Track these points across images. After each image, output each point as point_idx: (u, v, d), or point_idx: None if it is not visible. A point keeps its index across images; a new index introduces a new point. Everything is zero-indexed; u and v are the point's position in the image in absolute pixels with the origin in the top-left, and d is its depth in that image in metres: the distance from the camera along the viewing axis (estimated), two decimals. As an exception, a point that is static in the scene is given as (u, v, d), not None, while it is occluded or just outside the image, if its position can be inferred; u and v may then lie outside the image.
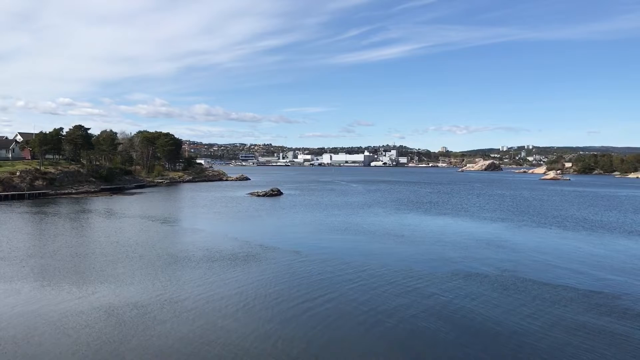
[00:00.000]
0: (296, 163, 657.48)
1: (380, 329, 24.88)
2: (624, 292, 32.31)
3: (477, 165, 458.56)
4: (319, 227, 61.25)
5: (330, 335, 23.86)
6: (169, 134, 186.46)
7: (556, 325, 25.58)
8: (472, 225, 65.75)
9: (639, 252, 47.15)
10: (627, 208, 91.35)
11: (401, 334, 24.18)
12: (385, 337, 23.72)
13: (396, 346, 22.73)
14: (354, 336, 23.89)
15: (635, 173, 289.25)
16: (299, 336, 23.68)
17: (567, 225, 65.89)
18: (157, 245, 47.77)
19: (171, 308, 27.69)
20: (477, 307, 28.73)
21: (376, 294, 31.30)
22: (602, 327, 25.25)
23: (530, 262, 41.37)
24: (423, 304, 29.09)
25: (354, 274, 36.34)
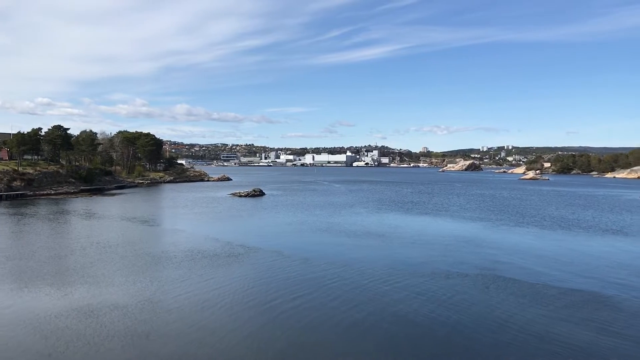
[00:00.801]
0: (278, 163, 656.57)
1: (361, 328, 25.05)
2: (600, 288, 32.89)
3: (458, 165, 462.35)
4: (300, 227, 61.31)
5: (310, 336, 23.97)
6: (150, 134, 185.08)
7: (535, 321, 25.97)
8: (452, 224, 66.33)
9: (614, 249, 47.94)
10: (603, 207, 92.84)
11: (381, 333, 24.35)
12: (366, 337, 23.88)
13: (376, 345, 22.89)
14: (334, 336, 24.01)
15: (612, 173, 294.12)
16: (280, 336, 23.74)
17: (545, 224, 66.79)
18: (137, 246, 47.45)
19: (152, 309, 27.56)
20: (457, 305, 29.04)
21: (357, 293, 31.47)
22: (580, 323, 25.71)
23: (509, 261, 41.87)
24: (403, 303, 29.32)
25: (335, 274, 36.48)
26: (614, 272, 37.93)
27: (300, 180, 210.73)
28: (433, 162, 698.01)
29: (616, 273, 37.73)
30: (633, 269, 39.32)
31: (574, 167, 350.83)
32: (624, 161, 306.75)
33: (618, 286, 33.70)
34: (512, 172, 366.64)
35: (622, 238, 55.12)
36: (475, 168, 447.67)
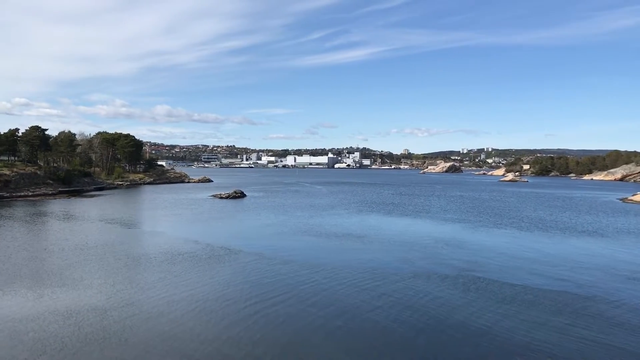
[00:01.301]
0: (260, 165, 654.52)
1: (337, 330, 25.22)
2: (577, 289, 33.48)
3: (438, 167, 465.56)
4: (281, 229, 61.32)
5: (291, 337, 24.06)
6: (130, 135, 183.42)
7: (512, 322, 26.39)
8: (432, 226, 66.89)
9: (589, 251, 48.78)
10: (580, 209, 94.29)
11: (362, 335, 24.55)
12: (347, 338, 24.06)
13: (357, 347, 23.07)
14: (315, 337, 24.15)
15: (589, 175, 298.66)
16: (261, 337, 23.81)
17: (524, 226, 67.70)
18: (116, 248, 47.09)
19: (131, 311, 27.42)
20: (437, 306, 29.37)
21: (335, 295, 31.64)
22: (558, 324, 26.17)
23: (487, 262, 42.41)
24: (382, 305, 29.55)
25: (314, 276, 36.62)
26: (589, 273, 38.65)
27: (281, 181, 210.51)
28: (414, 164, 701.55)
29: (591, 274, 38.45)
30: (608, 270, 40.08)
31: (553, 169, 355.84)
32: (601, 163, 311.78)
33: (592, 287, 34.36)
34: (492, 174, 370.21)
35: (597, 239, 56.10)
36: (455, 170, 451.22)
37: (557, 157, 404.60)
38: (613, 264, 42.43)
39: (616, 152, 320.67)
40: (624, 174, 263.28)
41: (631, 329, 25.64)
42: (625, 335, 24.58)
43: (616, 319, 27.18)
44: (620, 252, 48.46)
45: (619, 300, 30.96)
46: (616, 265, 41.88)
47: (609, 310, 28.81)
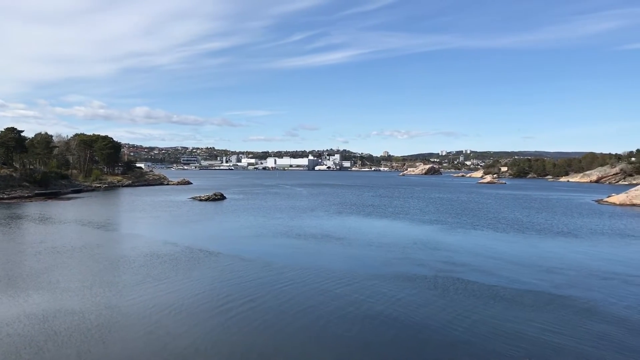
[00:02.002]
0: (240, 167, 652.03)
1: (321, 332, 25.36)
2: (552, 289, 34.06)
3: (418, 169, 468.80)
4: (261, 231, 61.26)
5: (269, 339, 24.12)
6: (108, 137, 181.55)
7: (491, 321, 26.77)
8: (411, 227, 67.40)
9: (564, 251, 49.59)
10: (556, 210, 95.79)
11: (340, 337, 24.70)
12: (325, 340, 24.21)
13: (335, 348, 23.21)
14: (293, 339, 24.25)
15: (566, 177, 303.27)
16: (239, 339, 23.86)
17: (501, 227, 68.62)
18: (94, 250, 46.66)
19: (109, 314, 27.24)
20: (414, 307, 29.68)
21: (313, 296, 31.78)
22: (534, 322, 26.63)
23: (465, 263, 42.91)
24: (359, 306, 29.77)
25: (292, 277, 36.73)
26: (563, 273, 39.33)
27: (262, 184, 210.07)
28: (394, 166, 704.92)
29: (566, 274, 39.13)
30: (582, 270, 40.81)
31: (530, 171, 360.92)
32: (577, 165, 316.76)
33: (568, 287, 34.99)
34: (471, 176, 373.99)
35: (572, 240, 57.06)
36: (434, 172, 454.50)
37: (534, 160, 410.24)
38: (587, 264, 43.22)
39: (592, 154, 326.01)
40: (599, 175, 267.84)
41: (604, 326, 26.18)
42: (597, 333, 25.10)
43: (590, 318, 27.74)
44: (594, 252, 49.38)
45: (592, 300, 31.57)
46: (590, 265, 42.67)
47: (583, 309, 29.37)
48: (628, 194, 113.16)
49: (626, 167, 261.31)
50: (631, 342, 24.07)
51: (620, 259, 46.18)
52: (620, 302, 31.26)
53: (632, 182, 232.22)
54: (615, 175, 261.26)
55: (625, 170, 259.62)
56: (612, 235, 60.73)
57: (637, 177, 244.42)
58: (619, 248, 52.12)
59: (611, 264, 43.56)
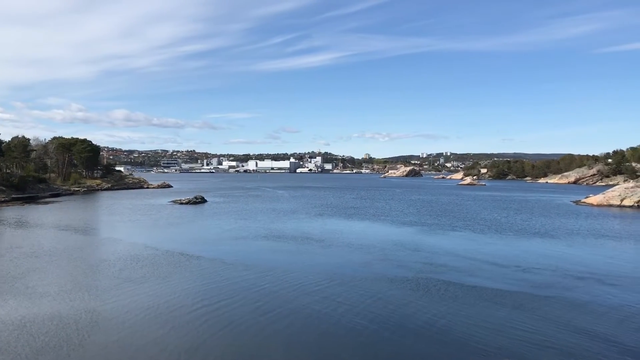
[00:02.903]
0: (221, 170, 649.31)
1: (300, 334, 25.46)
2: (531, 289, 34.57)
3: (399, 171, 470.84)
4: (242, 234, 61.14)
5: (249, 342, 24.14)
6: (87, 140, 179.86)
7: (469, 321, 27.11)
8: (391, 229, 67.80)
9: (544, 252, 50.31)
10: (534, 211, 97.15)
11: (319, 339, 24.83)
12: (305, 342, 24.32)
13: (314, 351, 23.33)
14: (273, 342, 24.30)
15: (544, 178, 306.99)
16: (219, 343, 23.86)
17: (480, 228, 69.36)
18: (73, 255, 46.20)
19: (88, 318, 27.00)
20: (393, 308, 29.90)
21: (291, 298, 31.85)
22: (512, 322, 27.03)
23: (444, 264, 43.33)
24: (340, 308, 29.90)
25: (273, 280, 36.77)
26: (540, 274, 39.96)
27: (243, 186, 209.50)
28: (375, 168, 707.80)
29: (543, 273, 39.75)
30: (558, 269, 41.48)
31: (509, 173, 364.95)
32: (556, 167, 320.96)
33: (544, 286, 35.57)
34: (451, 178, 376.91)
35: (550, 241, 57.91)
36: (415, 174, 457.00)
37: (513, 161, 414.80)
38: (564, 264, 43.88)
39: (570, 156, 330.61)
40: (577, 177, 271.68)
41: (582, 324, 26.67)
42: (575, 331, 25.56)
43: (567, 316, 28.21)
44: (571, 252, 50.22)
45: (569, 299, 32.10)
46: (567, 265, 43.33)
47: (561, 308, 29.87)
48: (605, 194, 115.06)
49: (603, 169, 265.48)
50: (608, 338, 24.54)
51: (596, 258, 47.01)
52: (596, 300, 31.84)
53: (609, 183, 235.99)
54: (593, 177, 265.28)
55: (602, 172, 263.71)
56: (589, 236, 61.73)
57: (614, 178, 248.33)
58: (595, 248, 53.01)
59: (587, 263, 44.31)
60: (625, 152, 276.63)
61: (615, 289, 34.80)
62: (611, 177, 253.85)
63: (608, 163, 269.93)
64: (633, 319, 27.90)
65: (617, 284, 36.26)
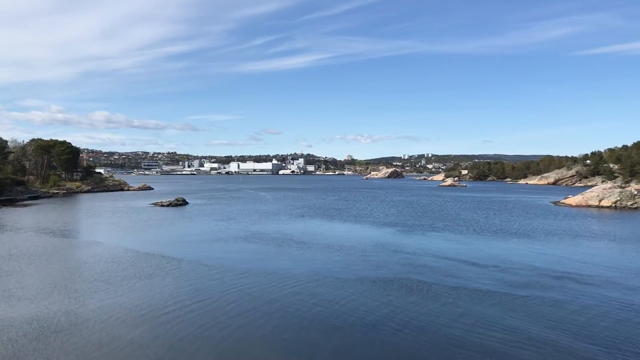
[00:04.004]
0: (202, 172, 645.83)
1: (282, 336, 25.56)
2: (511, 289, 35.05)
3: (381, 173, 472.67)
4: (224, 236, 60.99)
5: (228, 345, 24.20)
6: (66, 142, 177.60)
7: (449, 321, 27.47)
8: (372, 230, 68.11)
9: (522, 252, 51.03)
10: (513, 212, 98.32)
11: (300, 341, 24.97)
12: (286, 344, 24.42)
13: (292, 352, 23.46)
14: (254, 344, 24.41)
15: (524, 179, 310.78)
16: (199, 346, 23.86)
17: (461, 229, 70.07)
18: (52, 258, 45.75)
19: (68, 320, 26.84)
20: (371, 309, 30.13)
21: (275, 300, 31.96)
22: (493, 323, 27.41)
23: (424, 265, 43.75)
24: (320, 309, 30.10)
25: (254, 282, 36.84)
26: (519, 274, 40.55)
27: (225, 188, 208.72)
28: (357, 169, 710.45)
29: (522, 273, 40.34)
30: (537, 269, 42.13)
31: (490, 174, 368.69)
32: (535, 168, 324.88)
33: (523, 286, 36.12)
34: (432, 179, 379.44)
35: (528, 241, 58.76)
36: (397, 175, 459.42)
37: (493, 163, 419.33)
38: (542, 264, 44.55)
39: (549, 157, 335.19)
40: (557, 178, 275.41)
41: (559, 323, 27.16)
42: (553, 329, 26.04)
43: (545, 316, 28.72)
44: (549, 252, 50.96)
45: (547, 298, 32.66)
46: (545, 265, 43.99)
47: (539, 308, 30.37)
48: (584, 195, 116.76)
49: (582, 170, 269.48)
50: (583, 335, 25.05)
51: (573, 258, 47.74)
52: (572, 299, 32.44)
53: (587, 183, 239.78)
54: (572, 177, 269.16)
55: (581, 173, 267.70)
56: (567, 236, 62.66)
57: (592, 179, 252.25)
58: (572, 248, 53.83)
59: (564, 263, 45.03)
60: (603, 153, 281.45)
61: (590, 288, 35.44)
62: (590, 178, 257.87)
63: (586, 164, 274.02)
64: (606, 317, 28.53)
65: (592, 284, 36.95)
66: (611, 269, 42.54)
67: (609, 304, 31.38)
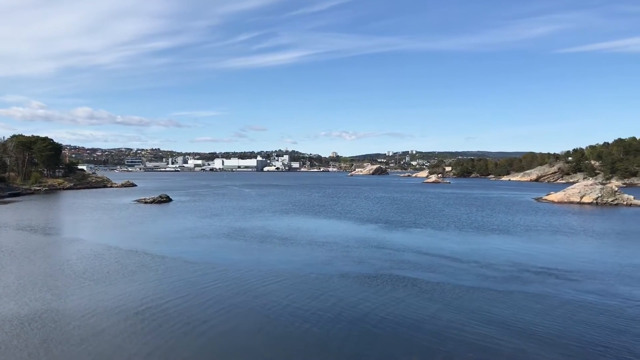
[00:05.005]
0: (186, 168, 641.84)
1: (265, 333, 25.70)
2: (493, 284, 35.52)
3: (366, 169, 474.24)
4: (207, 233, 60.87)
5: (210, 342, 24.29)
6: (48, 139, 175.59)
7: (430, 318, 27.79)
8: (356, 226, 68.41)
9: (504, 248, 51.70)
10: (495, 208, 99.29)
11: (282, 337, 25.14)
12: (269, 340, 24.58)
13: (278, 349, 23.60)
14: (236, 340, 24.54)
15: (507, 176, 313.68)
16: (179, 343, 23.94)
17: (444, 225, 70.71)
18: (34, 255, 45.37)
19: (50, 317, 26.76)
20: (352, 304, 30.42)
21: (257, 298, 32.09)
22: (475, 319, 27.79)
23: (407, 261, 44.19)
24: (302, 305, 30.31)
25: (237, 279, 36.93)
26: (500, 269, 41.13)
27: (209, 185, 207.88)
28: (342, 166, 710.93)
29: (503, 269, 40.91)
30: (518, 265, 42.74)
31: (473, 171, 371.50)
32: (518, 165, 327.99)
33: (504, 281, 36.68)
34: (416, 176, 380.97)
35: (510, 237, 59.52)
36: (382, 172, 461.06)
37: (477, 159, 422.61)
38: (523, 259, 45.20)
39: (531, 154, 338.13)
40: (539, 174, 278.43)
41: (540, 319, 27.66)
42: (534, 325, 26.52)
43: (527, 311, 29.21)
44: (530, 248, 51.72)
45: (529, 293, 33.19)
46: (526, 260, 44.65)
47: (516, 303, 30.88)
48: (565, 191, 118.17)
49: (563, 166, 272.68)
50: (562, 330, 25.53)
51: (553, 254, 48.42)
52: (551, 294, 33.01)
53: (569, 180, 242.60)
54: (554, 174, 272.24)
55: (562, 169, 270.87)
56: (548, 232, 63.51)
57: (574, 175, 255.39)
58: (553, 244, 54.60)
59: (544, 259, 45.68)
60: (585, 150, 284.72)
61: (569, 283, 36.07)
62: (571, 174, 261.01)
63: (568, 161, 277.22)
64: (582, 311, 29.10)
65: (571, 279, 37.57)
66: (590, 263, 43.25)
67: (587, 298, 31.96)
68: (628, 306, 30.20)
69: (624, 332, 25.47)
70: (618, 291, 33.83)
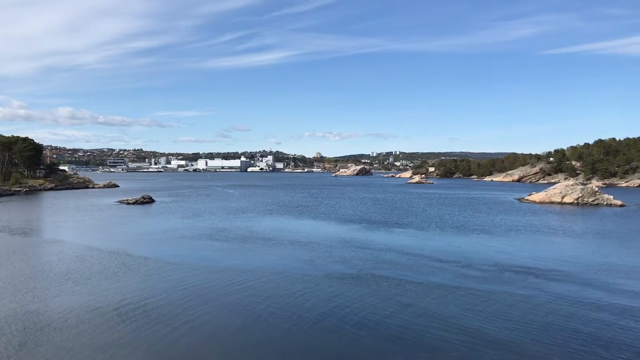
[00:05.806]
0: (169, 169, 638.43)
1: (248, 334, 25.79)
2: (476, 284, 35.91)
3: (350, 170, 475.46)
4: (190, 234, 60.65)
5: (193, 343, 24.29)
6: (28, 139, 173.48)
7: (412, 317, 28.05)
8: (340, 227, 68.61)
9: (486, 248, 52.19)
10: (476, 208, 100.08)
11: (265, 338, 25.21)
12: (252, 341, 24.62)
13: (261, 349, 23.68)
14: (222, 340, 24.54)
15: (490, 176, 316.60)
16: (163, 344, 23.91)
17: (427, 225, 71.24)
18: (14, 257, 44.90)
19: (31, 319, 26.56)
20: (335, 304, 30.56)
21: (239, 299, 32.13)
22: (459, 318, 28.07)
23: (389, 261, 44.45)
24: (283, 306, 30.38)
25: (219, 280, 36.90)
26: (482, 268, 41.59)
27: (192, 185, 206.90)
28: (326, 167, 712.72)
29: (485, 269, 41.36)
30: (498, 264, 43.25)
31: (456, 171, 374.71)
32: (500, 165, 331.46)
33: (485, 280, 37.07)
34: (400, 177, 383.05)
35: (492, 237, 60.13)
36: (365, 173, 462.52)
37: (460, 160, 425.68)
38: (504, 259, 45.75)
39: (514, 155, 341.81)
40: (521, 175, 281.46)
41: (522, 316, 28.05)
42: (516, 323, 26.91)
43: (510, 310, 29.61)
44: (511, 248, 52.38)
45: (506, 292, 33.62)
46: (507, 260, 45.22)
47: (497, 302, 31.27)
48: (547, 192, 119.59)
49: (545, 167, 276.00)
50: (542, 327, 25.94)
51: (534, 253, 49.06)
52: (531, 293, 33.48)
53: (550, 180, 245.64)
54: (536, 175, 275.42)
55: (544, 170, 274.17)
56: (529, 232, 64.30)
57: (556, 176, 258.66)
58: (534, 244, 55.30)
59: (525, 258, 46.27)
60: (566, 151, 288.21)
61: (549, 282, 36.62)
62: (553, 175, 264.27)
63: (550, 162, 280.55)
64: (561, 309, 29.58)
65: (551, 278, 38.14)
66: (568, 263, 43.88)
67: (565, 295, 32.47)
68: (606, 304, 30.74)
69: (604, 328, 25.94)
70: (596, 290, 34.40)
